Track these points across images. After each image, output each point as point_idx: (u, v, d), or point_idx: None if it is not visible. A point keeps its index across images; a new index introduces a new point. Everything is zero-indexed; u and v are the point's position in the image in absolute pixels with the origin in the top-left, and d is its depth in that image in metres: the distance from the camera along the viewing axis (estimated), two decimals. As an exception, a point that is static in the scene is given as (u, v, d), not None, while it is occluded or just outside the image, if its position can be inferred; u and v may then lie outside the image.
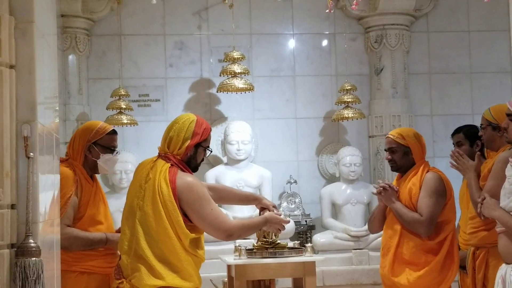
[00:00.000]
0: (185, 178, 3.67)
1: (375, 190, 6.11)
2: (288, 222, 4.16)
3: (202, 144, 3.81)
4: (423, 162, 4.76)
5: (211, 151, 3.92)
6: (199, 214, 3.63)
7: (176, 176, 3.65)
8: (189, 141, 3.75)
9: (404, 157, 4.75)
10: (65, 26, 7.19)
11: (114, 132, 4.33)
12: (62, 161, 4.18)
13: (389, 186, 4.71)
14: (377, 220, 4.86)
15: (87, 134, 4.23)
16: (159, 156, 3.79)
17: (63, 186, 3.96)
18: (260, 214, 4.16)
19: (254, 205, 4.29)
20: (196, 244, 3.67)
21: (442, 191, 4.63)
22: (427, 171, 4.71)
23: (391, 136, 4.82)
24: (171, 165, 3.70)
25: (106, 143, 4.26)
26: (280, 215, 4.06)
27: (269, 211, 4.10)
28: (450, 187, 4.70)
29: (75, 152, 4.21)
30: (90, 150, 4.21)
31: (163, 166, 3.68)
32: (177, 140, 3.75)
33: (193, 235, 3.62)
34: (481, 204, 3.80)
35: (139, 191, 3.68)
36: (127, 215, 3.69)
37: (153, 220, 3.58)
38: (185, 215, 3.63)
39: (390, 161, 4.82)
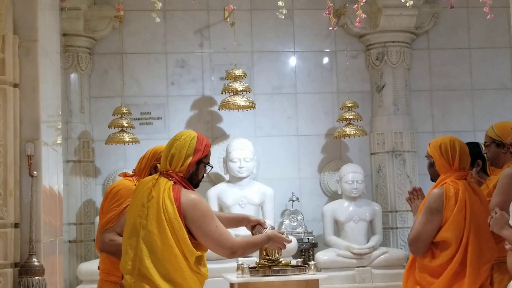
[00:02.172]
0: (190, 195, 3.66)
1: (377, 208, 6.09)
2: (290, 241, 4.14)
3: (203, 160, 3.82)
4: (446, 176, 4.29)
5: (212, 167, 3.91)
6: (204, 231, 3.62)
7: (181, 194, 3.64)
8: (191, 158, 3.75)
9: (430, 168, 4.43)
10: (67, 45, 7.21)
11: None
12: (128, 176, 4.41)
13: (417, 196, 4.51)
14: None
15: (156, 154, 4.41)
16: (161, 174, 3.78)
17: (121, 196, 4.13)
18: (252, 234, 4.14)
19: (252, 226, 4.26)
20: (199, 261, 3.66)
21: (435, 209, 4.19)
22: (442, 185, 4.26)
23: (428, 145, 4.50)
24: (174, 182, 3.69)
25: None
26: (282, 233, 4.04)
27: (260, 225, 4.08)
28: (452, 203, 4.19)
29: (141, 168, 4.41)
30: (155, 170, 4.34)
31: (166, 184, 3.67)
32: (179, 157, 3.74)
33: (198, 253, 3.61)
34: (492, 217, 3.74)
35: (141, 209, 3.66)
36: (130, 235, 3.67)
37: (158, 239, 3.57)
38: (189, 233, 3.62)
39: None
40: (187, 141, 3.76)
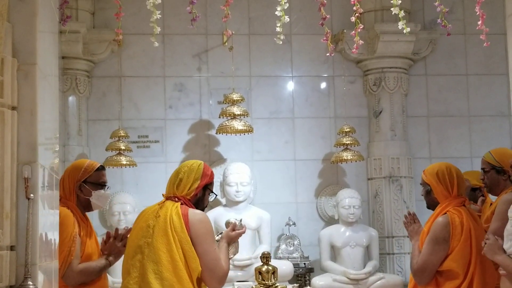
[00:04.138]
0: (197, 212, 3.76)
1: (374, 233, 5.96)
2: (244, 231, 4.00)
3: (209, 187, 3.91)
4: (447, 202, 4.33)
5: (216, 195, 3.98)
6: (203, 248, 3.66)
7: (188, 211, 3.71)
8: (199, 182, 3.85)
9: (427, 195, 4.45)
10: (66, 68, 7.23)
11: (102, 168, 4.38)
12: None
13: (413, 220, 4.47)
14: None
15: (76, 174, 4.25)
16: (167, 198, 3.83)
17: (66, 226, 4.00)
18: None
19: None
20: (199, 282, 3.68)
21: (442, 238, 4.21)
22: (444, 213, 4.28)
23: (423, 172, 4.55)
24: (181, 203, 3.76)
25: (96, 179, 4.30)
26: (234, 227, 3.90)
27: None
28: (459, 232, 4.21)
29: (66, 192, 4.21)
30: (81, 189, 4.23)
31: (174, 205, 3.75)
32: (187, 181, 3.83)
33: (200, 269, 3.62)
34: (485, 243, 3.75)
35: (147, 230, 3.72)
36: (133, 255, 3.71)
37: (163, 254, 3.61)
38: None
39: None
40: (195, 166, 3.89)
